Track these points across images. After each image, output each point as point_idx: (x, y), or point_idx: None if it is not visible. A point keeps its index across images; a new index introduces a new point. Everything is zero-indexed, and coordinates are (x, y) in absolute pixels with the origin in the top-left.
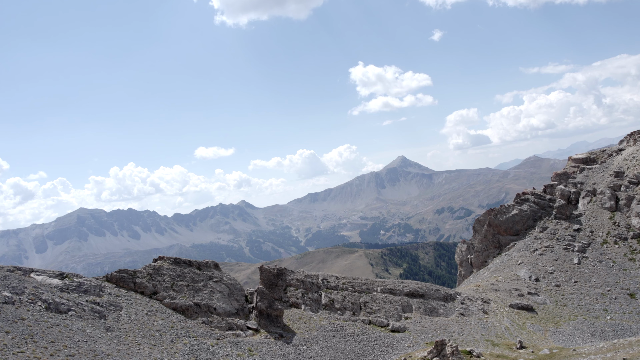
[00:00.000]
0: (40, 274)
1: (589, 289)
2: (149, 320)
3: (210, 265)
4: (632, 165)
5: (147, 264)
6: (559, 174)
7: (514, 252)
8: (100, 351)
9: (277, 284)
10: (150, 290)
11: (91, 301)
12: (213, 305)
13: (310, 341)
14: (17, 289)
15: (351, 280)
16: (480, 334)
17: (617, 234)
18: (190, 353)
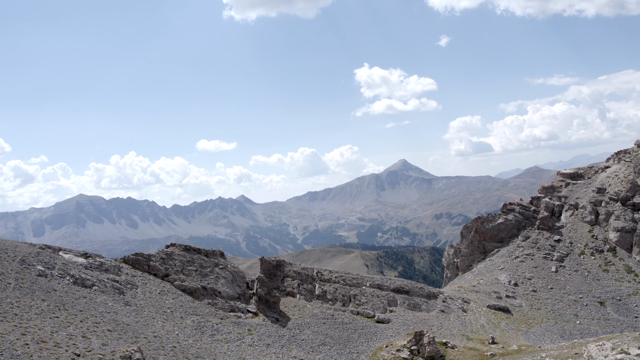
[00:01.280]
0: (67, 252)
1: (562, 295)
2: (162, 298)
3: (216, 253)
4: (613, 182)
5: (160, 249)
6: (546, 187)
7: (497, 257)
8: (121, 321)
9: (276, 274)
10: (163, 273)
11: (111, 279)
12: (218, 289)
13: (303, 326)
14: (48, 264)
15: (343, 275)
16: (457, 329)
17: (594, 246)
18: (198, 328)
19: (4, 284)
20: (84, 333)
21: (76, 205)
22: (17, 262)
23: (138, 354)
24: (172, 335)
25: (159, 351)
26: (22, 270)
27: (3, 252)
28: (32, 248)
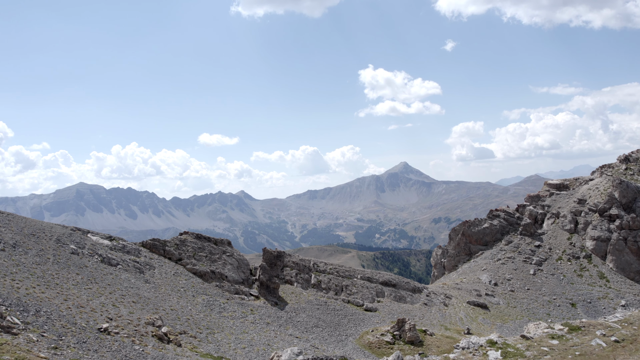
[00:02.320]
0: (94, 234)
1: (538, 296)
2: (176, 279)
3: (224, 242)
4: (593, 194)
5: (174, 236)
6: (532, 196)
7: (481, 259)
8: (143, 295)
9: (276, 263)
10: (176, 257)
11: (132, 260)
12: (225, 274)
13: (299, 310)
14: (80, 244)
15: (337, 267)
16: (437, 320)
17: (571, 252)
18: (207, 306)
19: (44, 259)
20: (113, 303)
21: (76, 193)
22: (54, 241)
23: (159, 321)
24: (186, 309)
25: (175, 321)
26: (58, 248)
27: (41, 232)
28: (65, 229)
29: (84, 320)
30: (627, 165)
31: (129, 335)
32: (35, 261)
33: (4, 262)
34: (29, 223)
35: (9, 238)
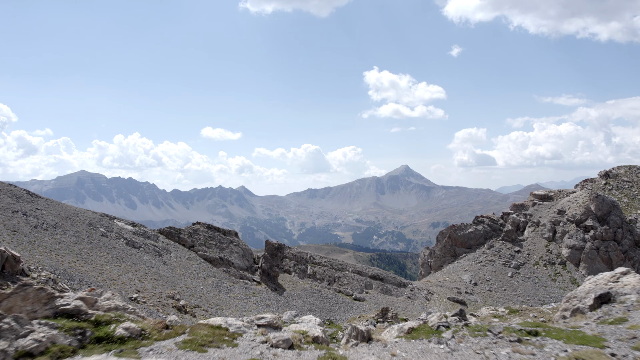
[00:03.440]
0: (120, 220)
1: (513, 296)
2: (189, 263)
3: (232, 233)
4: (572, 206)
5: (188, 226)
6: (517, 205)
7: (464, 261)
8: (162, 274)
9: (277, 254)
10: (189, 244)
11: (152, 244)
12: (232, 261)
13: (295, 296)
14: (108, 228)
15: (331, 260)
16: (418, 311)
17: (548, 259)
18: (216, 287)
19: (80, 239)
20: (139, 278)
21: (77, 180)
22: (86, 224)
23: (178, 295)
24: (199, 288)
25: (190, 297)
26: (90, 230)
27: (75, 216)
28: (95, 215)
29: (117, 290)
30: (606, 181)
31: (154, 305)
32: (73, 240)
33: (49, 239)
34: (65, 207)
35: (50, 220)
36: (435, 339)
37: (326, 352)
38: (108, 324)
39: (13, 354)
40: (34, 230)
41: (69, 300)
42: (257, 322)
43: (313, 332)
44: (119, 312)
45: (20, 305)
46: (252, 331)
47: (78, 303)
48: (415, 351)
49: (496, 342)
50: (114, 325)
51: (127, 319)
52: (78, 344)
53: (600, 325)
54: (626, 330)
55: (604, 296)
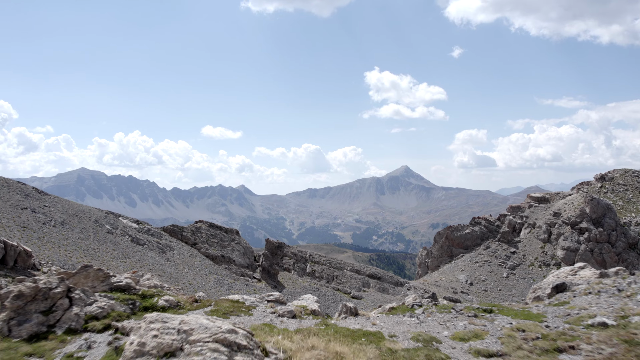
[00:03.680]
0: (124, 218)
1: (508, 297)
2: (191, 260)
3: (233, 231)
4: (568, 208)
5: (190, 224)
6: (513, 207)
7: (461, 261)
8: (166, 271)
9: (277, 253)
10: (192, 242)
11: (156, 241)
12: (233, 258)
13: (294, 294)
14: (113, 225)
15: (330, 259)
16: None
17: (543, 260)
18: (218, 283)
19: (87, 235)
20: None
21: (77, 178)
22: (93, 222)
23: (182, 291)
24: (201, 284)
25: (193, 293)
26: (96, 227)
27: (82, 213)
28: (101, 212)
29: None
30: (602, 184)
31: None
32: (80, 237)
33: (57, 235)
34: (71, 205)
35: (57, 217)
36: (409, 314)
37: (321, 320)
38: (152, 297)
39: (83, 317)
40: (42, 227)
41: (120, 279)
42: (267, 298)
43: (311, 307)
44: (157, 289)
45: (83, 282)
46: (263, 305)
47: (128, 281)
48: (392, 322)
49: (457, 316)
50: (156, 298)
51: (165, 294)
52: (130, 311)
53: (546, 307)
54: (564, 310)
55: (560, 286)
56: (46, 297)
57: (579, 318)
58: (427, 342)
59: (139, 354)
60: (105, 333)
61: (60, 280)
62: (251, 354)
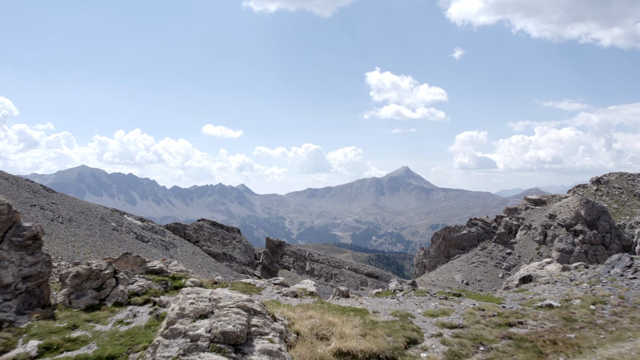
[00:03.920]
0: (129, 216)
1: None
2: (194, 257)
3: (235, 230)
4: (563, 211)
5: (193, 222)
6: (510, 208)
7: (457, 261)
8: None
9: (277, 251)
10: (194, 239)
11: (160, 239)
12: (234, 256)
13: None
14: (119, 222)
15: (328, 258)
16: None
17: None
18: None
19: (93, 232)
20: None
21: (77, 175)
22: (99, 219)
23: None
24: None
25: None
26: (102, 224)
27: (89, 210)
28: (106, 210)
29: None
30: (597, 187)
31: None
32: (87, 233)
33: (64, 232)
34: (78, 202)
35: (65, 214)
36: (391, 296)
37: (318, 299)
38: (180, 279)
39: (127, 293)
40: (50, 223)
41: (154, 264)
42: (274, 281)
43: (310, 289)
44: (183, 273)
45: (124, 266)
46: (270, 287)
47: (160, 265)
48: (376, 302)
49: (430, 299)
50: (184, 279)
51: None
52: (163, 289)
53: (508, 293)
54: (521, 295)
55: (526, 277)
56: (98, 277)
57: (531, 301)
58: (403, 317)
59: (180, 315)
60: (145, 306)
61: (108, 264)
62: (264, 317)
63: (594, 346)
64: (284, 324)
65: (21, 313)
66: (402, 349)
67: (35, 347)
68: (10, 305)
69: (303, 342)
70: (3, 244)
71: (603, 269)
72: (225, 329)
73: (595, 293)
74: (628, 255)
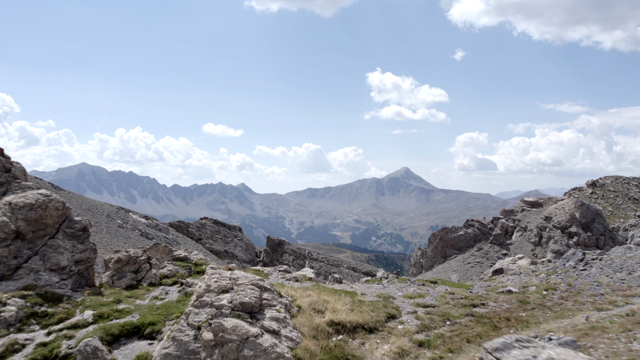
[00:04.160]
0: (134, 213)
1: None
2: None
3: (237, 228)
4: (559, 213)
5: (196, 220)
6: (507, 210)
7: (454, 262)
8: None
9: (277, 249)
10: (197, 237)
11: (163, 236)
12: (236, 254)
13: None
14: (124, 220)
15: (327, 257)
16: None
17: None
18: None
19: (99, 229)
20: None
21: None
22: (105, 216)
23: None
24: None
25: None
26: (108, 222)
27: (95, 208)
28: (112, 207)
29: None
30: (593, 190)
31: None
32: (94, 230)
33: None
34: (85, 200)
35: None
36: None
37: (315, 283)
38: (201, 265)
39: (159, 275)
40: None
41: (180, 252)
42: (279, 269)
43: (309, 275)
44: (203, 260)
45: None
46: (276, 273)
47: (185, 254)
48: (364, 287)
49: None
50: (204, 265)
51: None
52: (188, 273)
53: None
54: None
55: (498, 270)
56: (135, 262)
57: (495, 288)
58: (386, 298)
59: (207, 290)
60: (174, 286)
61: (143, 252)
62: (272, 293)
63: (540, 322)
64: (288, 300)
65: (74, 290)
66: (383, 321)
67: (90, 315)
68: (67, 284)
69: (303, 313)
70: (58, 234)
71: (560, 262)
72: (243, 300)
73: (549, 281)
74: (581, 251)
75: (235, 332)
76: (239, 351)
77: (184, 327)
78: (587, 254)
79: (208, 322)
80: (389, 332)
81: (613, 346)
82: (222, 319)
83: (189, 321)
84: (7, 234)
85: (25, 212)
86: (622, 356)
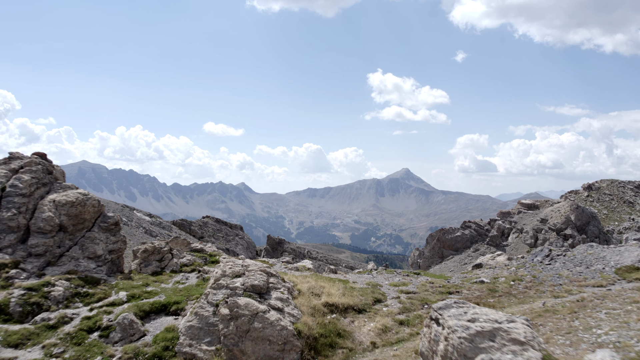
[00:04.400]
0: (138, 211)
1: None
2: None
3: (238, 227)
4: (554, 215)
5: (198, 219)
6: (504, 212)
7: (450, 262)
8: None
9: (277, 248)
10: (199, 235)
11: (167, 234)
12: (237, 252)
13: None
14: (129, 218)
15: (326, 256)
16: None
17: None
18: None
19: None
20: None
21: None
22: None
23: None
24: None
25: None
26: None
27: None
28: (117, 205)
29: None
30: (589, 193)
31: None
32: None
33: None
34: None
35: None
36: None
37: (313, 273)
38: (215, 256)
39: (179, 264)
40: None
41: (196, 245)
42: (282, 260)
43: (308, 266)
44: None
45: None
46: (280, 263)
47: (200, 246)
48: (356, 276)
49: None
50: (218, 256)
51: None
52: (204, 262)
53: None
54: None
55: (478, 265)
56: (159, 252)
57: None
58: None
59: (223, 275)
60: (193, 273)
61: (166, 244)
62: (277, 278)
63: (504, 307)
64: (290, 284)
65: (108, 275)
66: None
67: (124, 295)
68: (102, 270)
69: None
70: (94, 228)
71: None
72: (253, 282)
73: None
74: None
75: (247, 308)
76: (250, 323)
77: (205, 305)
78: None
79: (225, 300)
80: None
81: (558, 324)
82: (236, 298)
83: (208, 299)
84: (52, 227)
85: (67, 209)
86: (562, 330)
